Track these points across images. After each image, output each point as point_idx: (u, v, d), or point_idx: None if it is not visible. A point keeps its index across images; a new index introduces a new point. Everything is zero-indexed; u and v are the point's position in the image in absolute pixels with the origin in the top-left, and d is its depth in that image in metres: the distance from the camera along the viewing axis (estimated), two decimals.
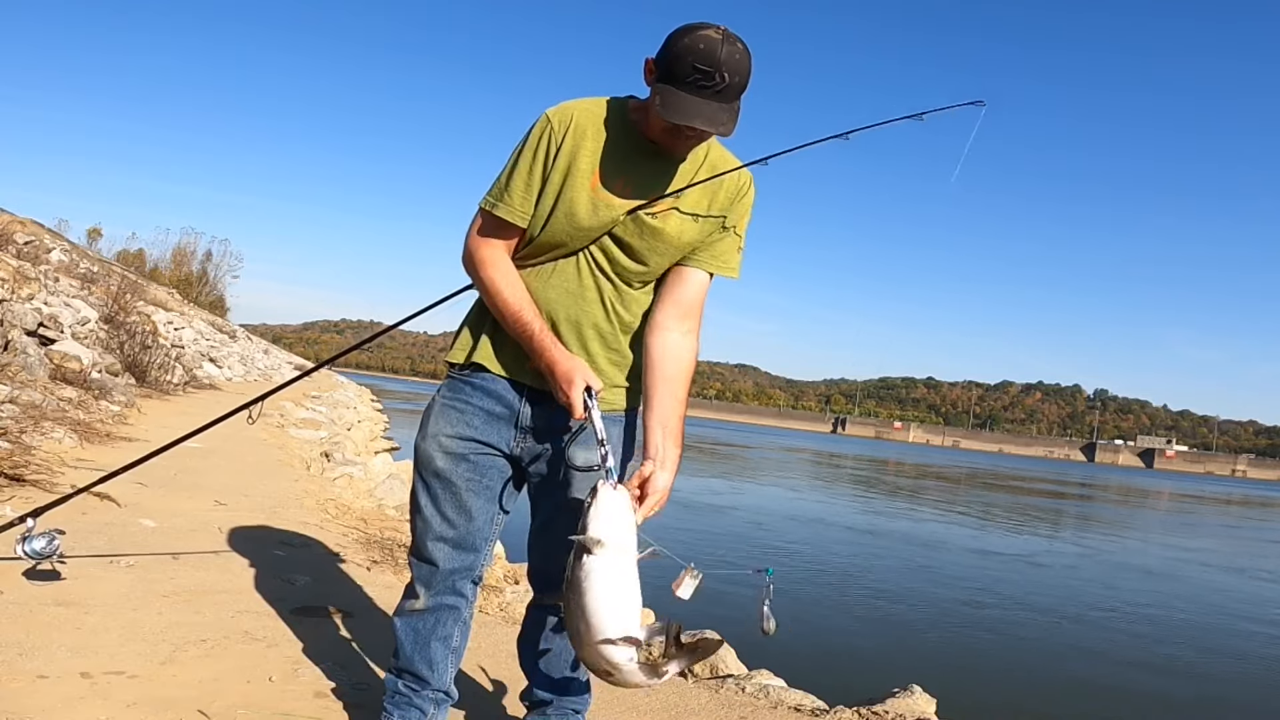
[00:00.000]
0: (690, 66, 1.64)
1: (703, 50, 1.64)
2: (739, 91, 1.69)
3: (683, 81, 1.65)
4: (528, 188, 1.82)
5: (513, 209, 1.83)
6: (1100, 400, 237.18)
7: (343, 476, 6.95)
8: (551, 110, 1.83)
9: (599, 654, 1.60)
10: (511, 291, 1.83)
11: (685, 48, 1.65)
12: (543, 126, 1.81)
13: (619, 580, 1.60)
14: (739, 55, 1.66)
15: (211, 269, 46.72)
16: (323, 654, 2.58)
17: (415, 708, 1.97)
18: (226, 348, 22.72)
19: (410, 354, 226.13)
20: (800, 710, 2.86)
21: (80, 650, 2.34)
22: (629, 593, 1.61)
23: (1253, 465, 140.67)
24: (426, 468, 1.92)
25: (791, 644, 6.14)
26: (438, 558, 1.92)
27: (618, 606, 1.59)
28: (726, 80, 1.64)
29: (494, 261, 1.85)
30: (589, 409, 1.74)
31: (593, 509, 1.63)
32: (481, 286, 1.88)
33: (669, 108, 1.66)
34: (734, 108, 1.69)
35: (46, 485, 4.01)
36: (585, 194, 1.80)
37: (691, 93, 1.65)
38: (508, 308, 1.82)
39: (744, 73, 1.67)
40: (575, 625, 1.63)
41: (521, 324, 1.81)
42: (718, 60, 1.63)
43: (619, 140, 1.81)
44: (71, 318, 8.91)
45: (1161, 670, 7.01)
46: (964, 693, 5.25)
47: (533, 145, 1.81)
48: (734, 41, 1.67)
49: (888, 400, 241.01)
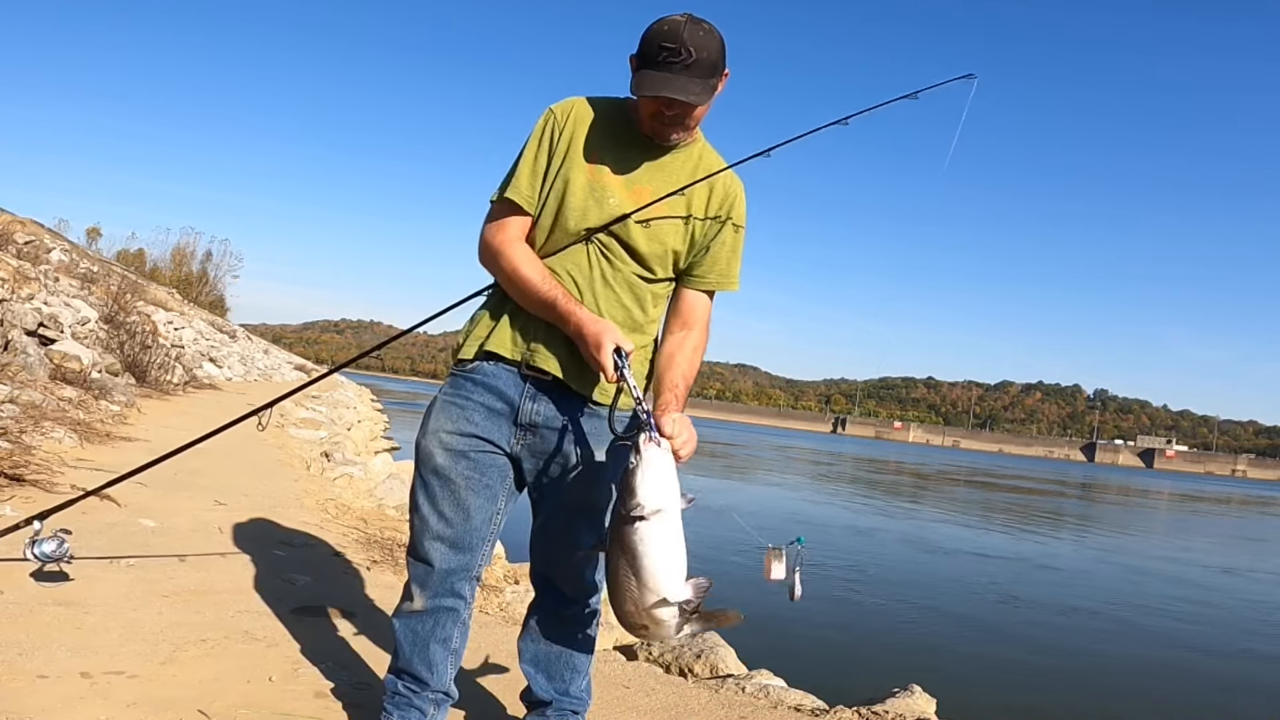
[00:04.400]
0: (657, 46, 1.75)
1: (667, 31, 1.75)
2: (710, 68, 1.77)
3: (653, 61, 1.76)
4: (534, 174, 1.91)
5: (520, 193, 1.91)
6: (1100, 400, 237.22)
7: (343, 476, 6.94)
8: (555, 104, 1.95)
9: (648, 614, 1.64)
10: (530, 267, 1.88)
11: (653, 32, 1.77)
12: (546, 118, 1.93)
13: (672, 541, 1.64)
14: (703, 33, 1.76)
15: (211, 269, 46.68)
16: (323, 654, 2.58)
17: (415, 708, 1.97)
18: (226, 347, 22.72)
19: (410, 354, 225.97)
20: (800, 710, 2.86)
21: (80, 650, 2.34)
22: (680, 552, 1.65)
23: (1253, 465, 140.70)
24: (426, 464, 1.93)
25: (791, 644, 6.13)
26: (434, 557, 1.92)
27: (672, 568, 1.63)
28: (694, 55, 1.74)
29: (510, 245, 1.91)
30: (620, 369, 1.75)
31: (640, 470, 1.64)
32: (500, 270, 1.92)
33: (641, 85, 1.76)
34: (708, 83, 1.78)
35: (46, 485, 4.01)
36: (583, 176, 1.89)
37: (661, 70, 1.75)
38: (529, 282, 1.86)
39: (712, 49, 1.76)
40: (626, 584, 1.65)
41: (544, 295, 1.85)
42: (681, 38, 1.73)
43: (617, 132, 1.91)
44: (71, 318, 8.90)
45: (1162, 670, 7.00)
46: (964, 693, 5.25)
47: (537, 135, 1.92)
48: (699, 23, 1.77)
49: (888, 400, 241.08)
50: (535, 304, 1.87)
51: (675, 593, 1.62)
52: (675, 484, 1.66)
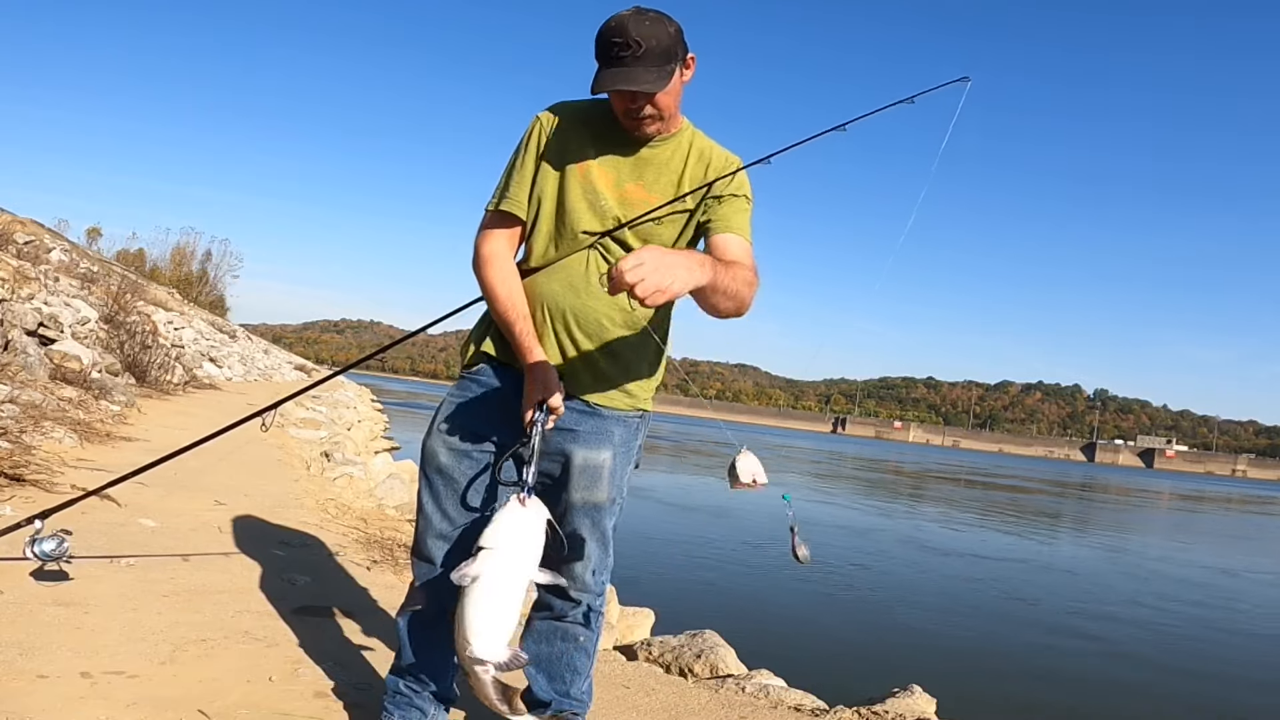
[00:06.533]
0: (608, 43, 1.77)
1: (614, 26, 1.77)
2: (663, 55, 1.78)
3: (606, 58, 1.78)
4: (522, 179, 1.93)
5: (510, 200, 1.93)
6: (1100, 400, 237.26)
7: (343, 476, 6.94)
8: (541, 111, 1.97)
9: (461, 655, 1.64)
10: (503, 289, 1.90)
11: (602, 30, 1.79)
12: (533, 125, 1.96)
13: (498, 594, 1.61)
14: (649, 23, 1.77)
15: (211, 269, 46.72)
16: (323, 654, 2.58)
17: (416, 708, 1.97)
18: (226, 347, 22.71)
19: (410, 354, 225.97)
20: (800, 710, 2.86)
21: (80, 650, 2.34)
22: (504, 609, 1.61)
23: (1253, 465, 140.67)
24: (430, 464, 1.94)
25: (791, 644, 6.14)
26: (436, 557, 1.93)
27: (488, 620, 1.60)
28: (643, 45, 1.75)
29: (493, 260, 1.93)
30: (536, 422, 1.77)
31: (496, 516, 1.64)
32: (480, 283, 1.95)
33: (596, 83, 1.78)
34: (664, 70, 1.79)
35: (46, 485, 4.01)
36: (575, 177, 1.90)
37: (614, 66, 1.77)
38: (497, 303, 1.90)
39: (661, 36, 1.77)
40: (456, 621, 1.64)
41: (505, 322, 1.89)
42: (628, 31, 1.75)
43: (605, 134, 1.93)
44: (71, 317, 8.90)
45: (1162, 669, 7.00)
46: (964, 693, 5.25)
47: (524, 142, 1.95)
48: (644, 13, 1.79)
49: (888, 400, 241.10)
50: (500, 325, 1.91)
51: (482, 648, 1.61)
52: (531, 544, 1.64)
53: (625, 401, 1.98)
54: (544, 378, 1.81)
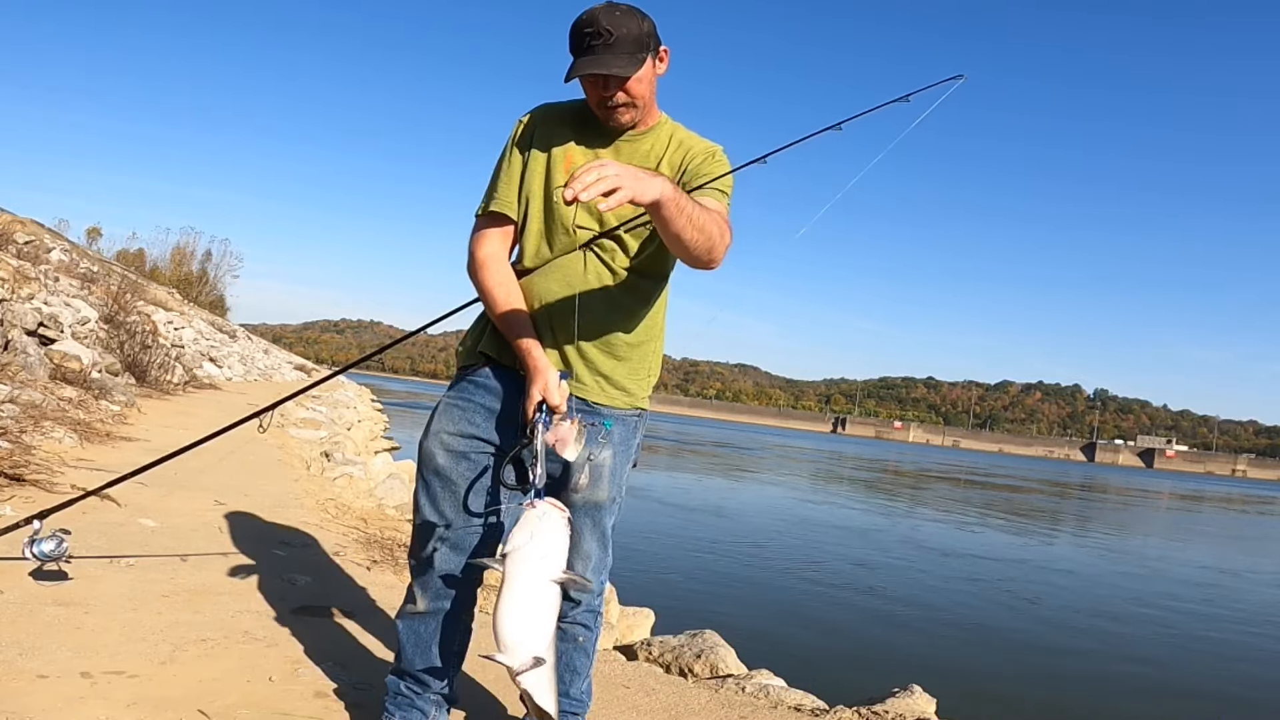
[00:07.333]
0: (580, 34, 1.81)
1: (586, 19, 1.81)
2: (634, 43, 1.81)
3: (578, 48, 1.81)
4: (509, 180, 1.96)
5: (499, 200, 1.95)
6: (1100, 400, 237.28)
7: (343, 476, 6.94)
8: (524, 113, 2.01)
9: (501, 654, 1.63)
10: (500, 291, 1.91)
11: (575, 24, 1.82)
12: (516, 126, 2.00)
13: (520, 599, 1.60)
14: (620, 14, 1.81)
15: (211, 269, 46.72)
16: (323, 654, 2.58)
17: (417, 709, 1.97)
18: (226, 347, 22.71)
19: (410, 354, 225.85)
20: (800, 710, 2.86)
21: (80, 650, 2.34)
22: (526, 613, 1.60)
23: (1253, 465, 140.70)
24: (427, 465, 1.94)
25: (791, 644, 6.14)
26: (434, 558, 1.92)
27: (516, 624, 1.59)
28: (614, 34, 1.78)
29: (488, 263, 1.94)
30: (537, 424, 1.75)
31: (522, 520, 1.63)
32: (476, 287, 1.96)
33: (570, 71, 1.81)
34: (635, 57, 1.81)
35: (46, 485, 4.01)
36: (560, 173, 1.92)
37: (586, 54, 1.80)
38: (494, 307, 1.91)
39: (632, 26, 1.80)
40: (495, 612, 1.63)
41: (504, 324, 1.90)
42: (599, 21, 1.79)
43: (583, 128, 1.95)
44: (71, 317, 8.90)
45: (1162, 669, 7.00)
46: (964, 693, 5.26)
47: (509, 144, 1.98)
48: (615, 5, 1.83)
49: (888, 400, 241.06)
50: (499, 326, 1.92)
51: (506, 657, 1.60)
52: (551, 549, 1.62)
53: (624, 400, 1.98)
54: (545, 378, 1.81)
